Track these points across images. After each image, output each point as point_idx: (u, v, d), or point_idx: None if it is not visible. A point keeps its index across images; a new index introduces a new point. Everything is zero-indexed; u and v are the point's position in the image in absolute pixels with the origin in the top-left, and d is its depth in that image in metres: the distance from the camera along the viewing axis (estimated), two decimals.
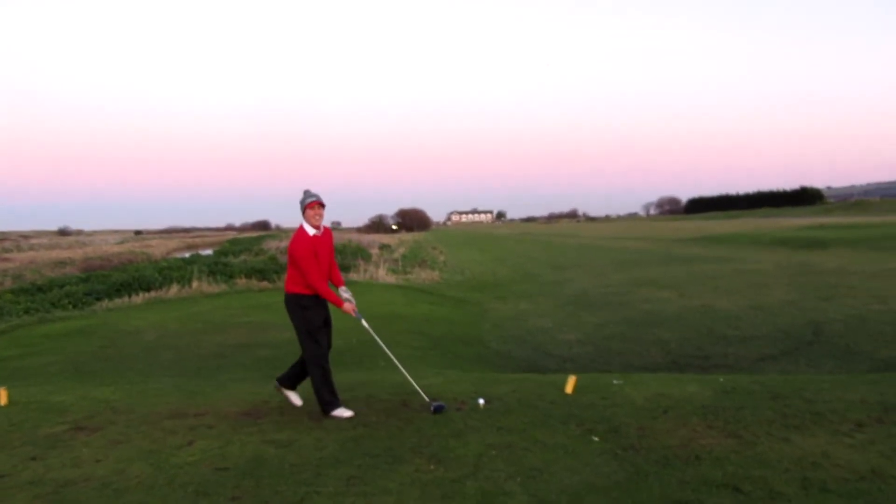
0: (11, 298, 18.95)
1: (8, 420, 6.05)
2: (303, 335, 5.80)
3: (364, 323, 6.05)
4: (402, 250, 42.86)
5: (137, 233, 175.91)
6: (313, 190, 5.89)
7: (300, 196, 5.87)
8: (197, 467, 4.58)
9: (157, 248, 70.90)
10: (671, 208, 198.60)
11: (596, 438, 4.86)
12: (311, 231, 5.78)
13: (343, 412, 5.75)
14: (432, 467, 4.40)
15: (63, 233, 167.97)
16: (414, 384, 6.13)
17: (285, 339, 10.31)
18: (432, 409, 5.73)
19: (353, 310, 5.86)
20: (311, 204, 5.77)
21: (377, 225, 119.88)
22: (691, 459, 4.38)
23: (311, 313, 5.76)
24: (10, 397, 6.77)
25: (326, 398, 5.79)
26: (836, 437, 4.72)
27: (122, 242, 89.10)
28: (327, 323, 5.92)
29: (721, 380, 6.77)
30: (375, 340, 6.23)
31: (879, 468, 4.13)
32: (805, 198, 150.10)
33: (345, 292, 5.96)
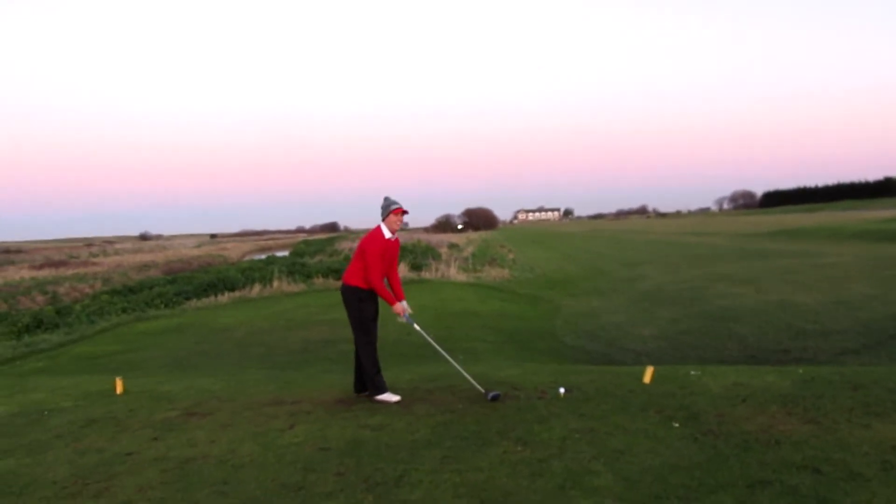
0: (108, 299, 20.20)
1: (126, 407, 6.66)
2: (356, 324, 6.26)
3: (416, 327, 6.39)
4: (470, 249, 43.21)
5: (213, 236, 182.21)
6: (392, 196, 6.33)
7: (381, 202, 6.31)
8: (301, 447, 4.99)
9: (233, 251, 73.61)
10: (745, 202, 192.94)
11: (676, 424, 5.04)
12: (387, 234, 6.24)
13: (391, 397, 6.19)
14: (519, 449, 4.68)
15: (144, 238, 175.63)
16: (468, 377, 6.43)
17: None
18: (489, 397, 6.01)
19: (403, 311, 6.27)
20: (397, 210, 6.21)
21: (444, 224, 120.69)
22: (771, 444, 4.52)
23: (365, 305, 6.23)
24: (125, 386, 7.43)
25: (378, 382, 6.24)
26: None
27: (199, 246, 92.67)
28: (376, 316, 6.35)
29: (800, 371, 6.80)
30: (435, 338, 6.61)
31: None
32: (890, 189, 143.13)
33: (405, 304, 6.38)
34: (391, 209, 6.21)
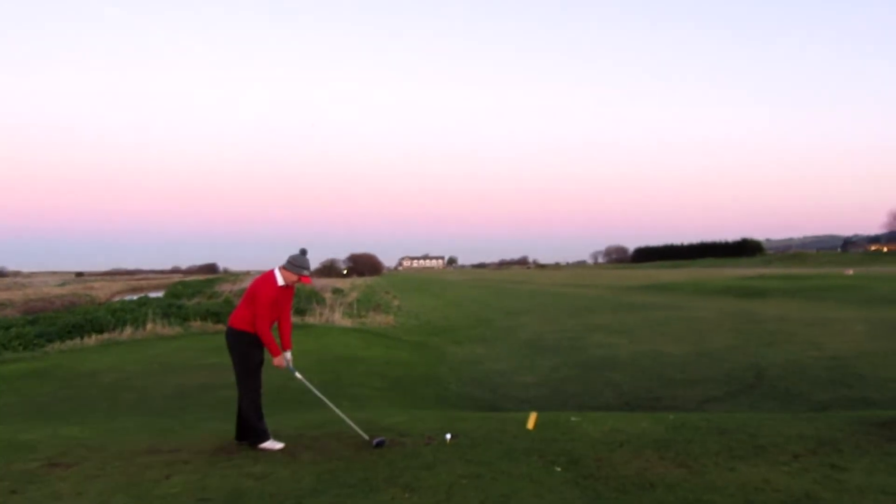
0: None
1: None
2: (241, 370, 6.09)
3: (297, 375, 6.34)
4: (355, 294, 42.91)
5: (79, 275, 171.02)
6: (303, 251, 6.19)
7: (295, 252, 6.16)
8: (179, 499, 4.74)
9: (101, 291, 69.37)
10: (618, 257, 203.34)
11: (558, 469, 5.21)
12: (280, 282, 6.10)
13: (274, 444, 6.06)
14: (407, 495, 4.67)
15: None
16: (352, 424, 6.40)
17: None
18: (374, 443, 6.00)
19: (283, 364, 6.17)
20: (305, 278, 6.13)
21: (328, 269, 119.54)
22: (646, 487, 4.76)
23: (253, 350, 6.07)
24: None
25: (261, 429, 6.08)
26: (776, 466, 5.18)
27: (63, 284, 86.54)
28: (262, 363, 6.20)
29: (671, 417, 7.22)
30: (321, 383, 6.56)
31: (813, 492, 4.58)
32: (746, 249, 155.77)
33: (288, 355, 6.28)
34: (302, 273, 6.11)
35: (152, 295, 51.90)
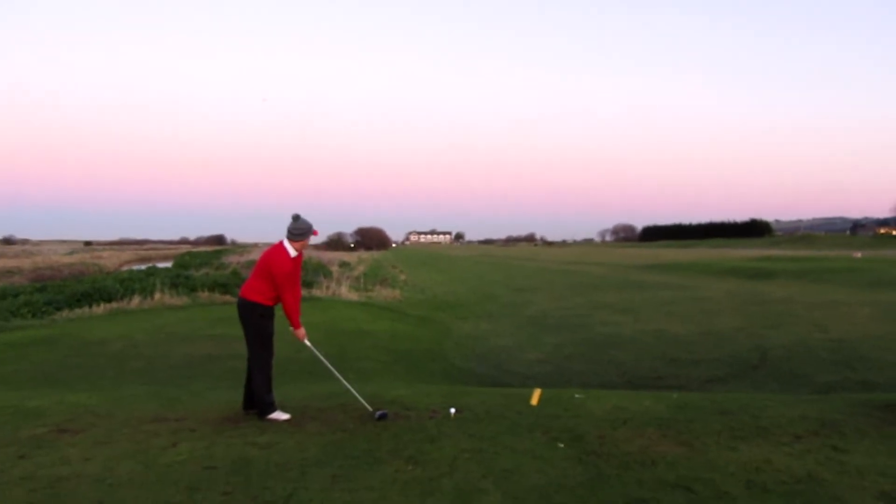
0: None
1: None
2: (256, 341, 6.11)
3: (307, 342, 6.37)
4: (362, 268, 43.09)
5: (87, 244, 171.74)
6: (296, 217, 6.16)
7: (292, 220, 6.10)
8: (185, 466, 4.81)
9: (110, 260, 69.68)
10: (626, 235, 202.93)
11: (561, 445, 5.24)
12: (292, 252, 6.09)
13: (280, 415, 6.11)
14: (410, 468, 4.72)
15: (7, 242, 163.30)
16: (357, 396, 6.47)
17: None
18: (376, 416, 6.05)
19: (304, 336, 6.23)
20: (315, 231, 6.15)
21: (336, 243, 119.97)
22: (648, 464, 4.79)
23: (266, 321, 6.09)
24: None
25: (268, 401, 6.13)
26: (778, 447, 5.20)
27: (71, 253, 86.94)
28: (273, 334, 6.23)
29: (674, 396, 7.25)
30: (327, 356, 6.62)
31: (815, 473, 4.61)
32: (755, 230, 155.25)
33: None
34: (309, 235, 6.11)
35: (160, 265, 52.20)
